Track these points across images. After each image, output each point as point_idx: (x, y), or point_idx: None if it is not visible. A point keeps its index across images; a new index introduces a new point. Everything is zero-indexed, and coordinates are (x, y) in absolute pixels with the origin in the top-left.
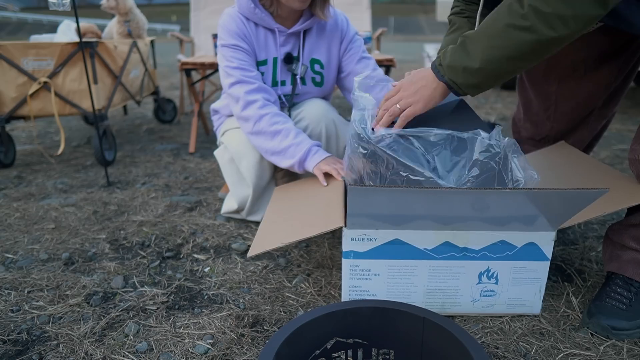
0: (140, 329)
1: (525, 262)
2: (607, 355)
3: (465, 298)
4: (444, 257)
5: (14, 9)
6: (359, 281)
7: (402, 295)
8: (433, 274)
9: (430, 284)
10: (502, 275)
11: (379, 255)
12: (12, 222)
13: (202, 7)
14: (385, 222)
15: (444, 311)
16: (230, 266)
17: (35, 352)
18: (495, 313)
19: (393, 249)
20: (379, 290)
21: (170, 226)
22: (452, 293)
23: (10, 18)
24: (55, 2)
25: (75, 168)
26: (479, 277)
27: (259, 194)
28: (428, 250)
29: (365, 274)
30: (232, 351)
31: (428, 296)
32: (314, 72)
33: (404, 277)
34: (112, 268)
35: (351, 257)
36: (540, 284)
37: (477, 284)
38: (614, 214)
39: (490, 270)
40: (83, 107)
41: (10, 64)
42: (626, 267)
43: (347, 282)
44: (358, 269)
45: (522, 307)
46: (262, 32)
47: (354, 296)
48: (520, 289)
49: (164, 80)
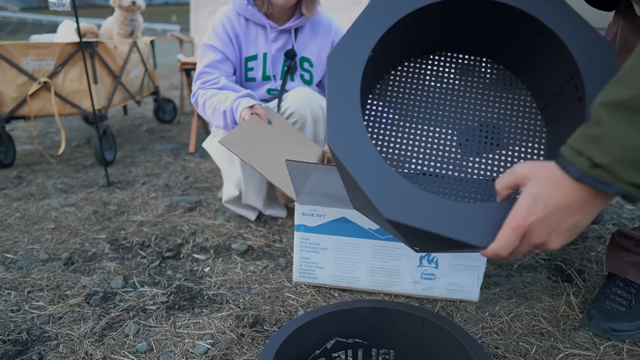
0: (140, 329)
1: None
2: (607, 355)
3: (407, 279)
4: (387, 239)
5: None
6: (308, 253)
7: (348, 270)
8: (377, 253)
9: (374, 263)
10: (442, 260)
11: (327, 231)
12: (12, 222)
13: (202, 7)
14: (334, 200)
15: (386, 290)
16: (230, 266)
17: (35, 352)
18: (435, 296)
19: (340, 226)
20: (327, 264)
21: (170, 226)
22: (395, 273)
23: (10, 18)
24: (55, 2)
25: (75, 168)
26: (420, 260)
27: (250, 174)
28: (372, 230)
29: (315, 247)
30: (232, 351)
31: (372, 274)
32: (303, 69)
33: (349, 254)
34: (112, 268)
35: (302, 231)
36: (478, 272)
37: (418, 266)
38: (614, 213)
39: (431, 255)
40: (83, 107)
41: (10, 64)
42: (627, 270)
43: (298, 254)
44: (308, 242)
45: (460, 293)
46: (253, 28)
47: (304, 267)
48: (459, 275)
49: (164, 80)
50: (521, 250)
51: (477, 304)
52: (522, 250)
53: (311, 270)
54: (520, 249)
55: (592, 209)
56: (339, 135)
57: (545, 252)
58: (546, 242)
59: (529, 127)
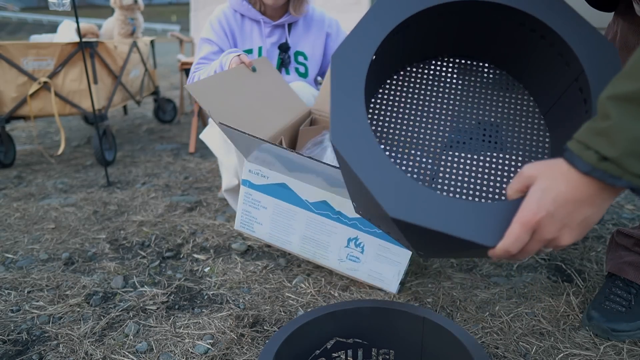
0: (140, 329)
1: (390, 244)
2: (607, 355)
3: (334, 255)
4: (321, 214)
5: (14, 9)
6: (250, 208)
7: (283, 233)
8: (309, 224)
9: (306, 232)
10: (368, 247)
11: (268, 192)
12: (12, 222)
13: (202, 7)
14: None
15: (315, 260)
16: (230, 266)
17: (35, 352)
18: (357, 278)
19: (280, 190)
20: (265, 222)
21: (170, 226)
22: (324, 247)
23: (10, 18)
24: (55, 2)
25: (75, 168)
26: (348, 242)
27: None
28: (309, 202)
29: (256, 203)
30: (232, 351)
31: (303, 242)
32: (297, 63)
33: (285, 218)
34: (112, 268)
35: (247, 186)
36: (399, 268)
37: (345, 247)
38: (614, 213)
39: (359, 240)
40: (83, 107)
41: (10, 64)
42: (627, 270)
43: (241, 206)
44: (251, 197)
45: (381, 282)
46: (248, 23)
47: (244, 219)
48: (381, 266)
49: (164, 80)
50: (532, 248)
51: (477, 304)
52: (533, 248)
53: (251, 224)
54: (531, 246)
55: (602, 202)
56: (343, 133)
57: (546, 253)
58: (557, 238)
59: (532, 131)
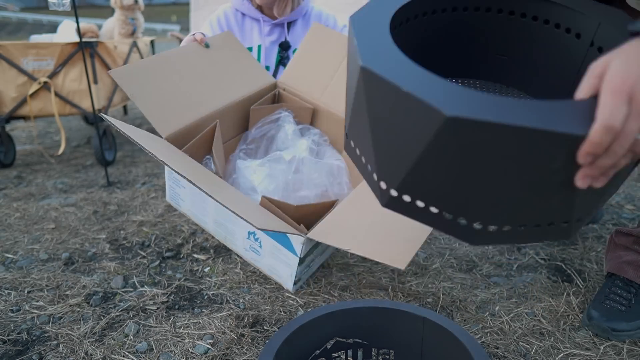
0: (140, 329)
1: (282, 247)
2: (607, 355)
3: (240, 243)
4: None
5: (14, 9)
6: (173, 184)
7: (200, 213)
8: (218, 211)
9: (217, 218)
10: (265, 245)
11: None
12: (12, 222)
13: (202, 7)
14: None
15: (227, 244)
16: (230, 266)
17: (35, 352)
18: (260, 269)
19: None
20: (186, 200)
21: (170, 226)
22: (231, 233)
23: (10, 18)
24: (55, 2)
25: (75, 168)
26: (248, 235)
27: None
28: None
29: (177, 182)
30: (232, 351)
31: (216, 226)
32: None
33: (201, 202)
34: (112, 268)
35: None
36: (291, 272)
37: (247, 238)
38: (614, 213)
39: (256, 235)
40: (83, 107)
41: (10, 64)
42: (627, 269)
43: (167, 181)
44: (172, 175)
45: (279, 278)
46: (248, 22)
47: (171, 193)
48: (277, 263)
49: None
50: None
51: (477, 304)
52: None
53: (176, 199)
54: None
55: None
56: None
57: (546, 253)
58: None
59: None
